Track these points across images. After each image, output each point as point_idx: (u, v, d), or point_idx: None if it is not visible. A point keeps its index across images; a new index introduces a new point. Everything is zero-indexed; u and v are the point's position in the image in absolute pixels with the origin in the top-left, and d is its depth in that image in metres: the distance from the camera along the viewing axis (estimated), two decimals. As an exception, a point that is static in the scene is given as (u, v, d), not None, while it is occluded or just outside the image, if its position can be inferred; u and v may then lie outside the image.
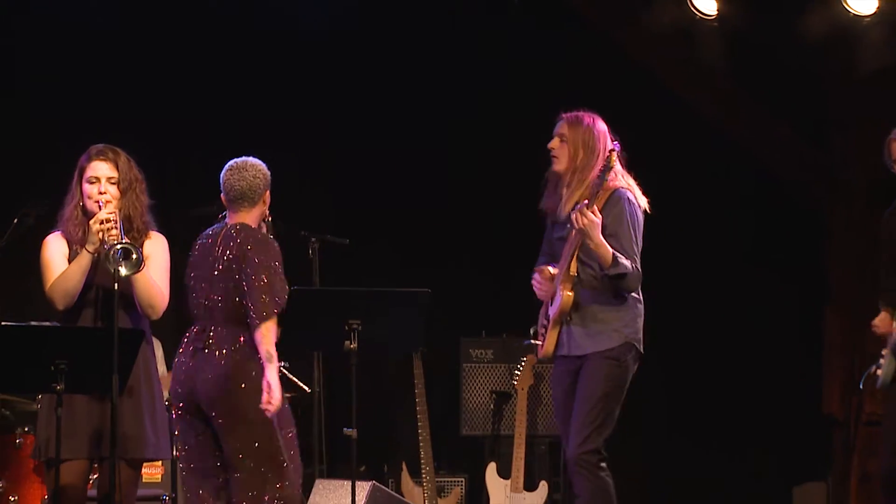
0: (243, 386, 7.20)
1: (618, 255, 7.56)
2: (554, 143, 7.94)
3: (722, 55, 10.13)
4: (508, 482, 9.92)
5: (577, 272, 7.82)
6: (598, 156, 7.81)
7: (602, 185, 7.66)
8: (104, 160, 7.42)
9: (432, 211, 10.44)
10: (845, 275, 10.51)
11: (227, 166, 7.46)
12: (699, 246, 7.91)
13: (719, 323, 8.08)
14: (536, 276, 8.07)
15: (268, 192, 7.57)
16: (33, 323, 7.39)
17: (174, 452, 8.66)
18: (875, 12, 9.36)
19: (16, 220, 8.81)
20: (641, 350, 7.86)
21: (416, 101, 10.78)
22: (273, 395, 7.09)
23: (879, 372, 7.96)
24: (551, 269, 8.00)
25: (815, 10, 9.53)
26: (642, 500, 9.72)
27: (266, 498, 7.34)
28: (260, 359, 7.23)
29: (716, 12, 9.79)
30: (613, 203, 7.72)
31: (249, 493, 7.35)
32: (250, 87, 10.75)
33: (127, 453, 7.20)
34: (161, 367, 9.99)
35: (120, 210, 7.33)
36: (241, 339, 7.25)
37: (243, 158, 7.47)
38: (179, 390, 7.40)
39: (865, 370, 9.57)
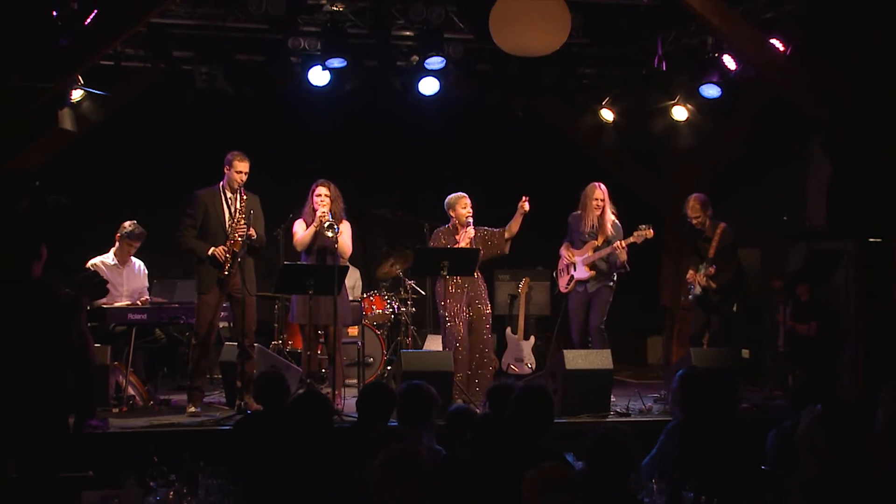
0: None
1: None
2: (601, 204, 8.04)
3: (616, 139, 9.94)
4: (517, 335, 9.91)
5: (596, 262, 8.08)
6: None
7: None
8: (324, 186, 7.54)
9: (485, 206, 8.62)
10: (670, 240, 10.35)
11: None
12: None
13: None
14: (566, 254, 8.15)
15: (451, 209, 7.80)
16: (296, 263, 7.56)
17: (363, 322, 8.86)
18: (686, 120, 9.28)
19: (291, 216, 8.32)
20: None
21: (461, 156, 10.37)
22: None
23: (691, 294, 8.35)
24: (572, 251, 8.16)
25: (657, 118, 9.43)
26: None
27: None
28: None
29: (612, 120, 9.74)
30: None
31: None
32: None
33: (338, 321, 7.40)
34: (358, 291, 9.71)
35: (330, 209, 7.47)
36: None
37: None
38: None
39: (683, 288, 9.40)
